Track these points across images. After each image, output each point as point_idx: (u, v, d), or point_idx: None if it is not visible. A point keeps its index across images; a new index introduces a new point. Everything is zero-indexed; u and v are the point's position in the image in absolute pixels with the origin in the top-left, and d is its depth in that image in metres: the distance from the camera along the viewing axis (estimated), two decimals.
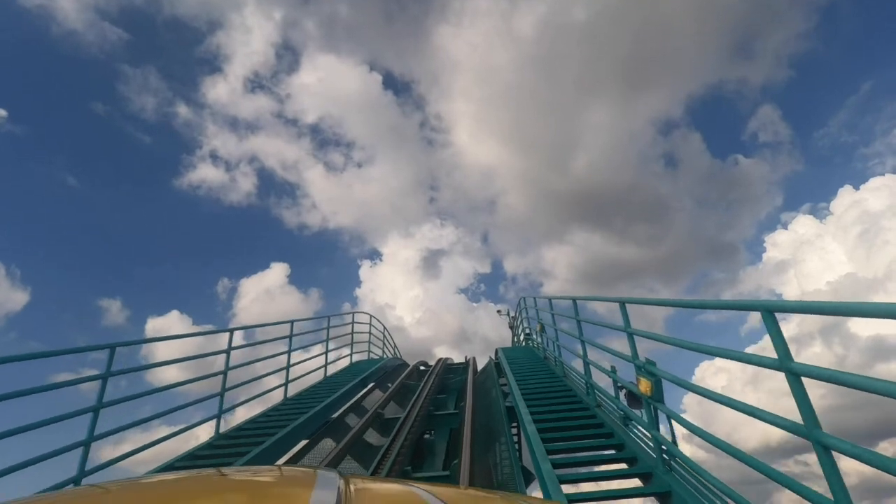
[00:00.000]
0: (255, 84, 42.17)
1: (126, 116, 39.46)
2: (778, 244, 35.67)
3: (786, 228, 35.93)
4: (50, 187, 37.57)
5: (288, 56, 50.05)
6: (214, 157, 42.94)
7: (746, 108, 43.02)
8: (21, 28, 34.23)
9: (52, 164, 38.40)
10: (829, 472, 2.10)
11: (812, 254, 32.30)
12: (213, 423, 6.29)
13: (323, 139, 45.27)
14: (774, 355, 2.43)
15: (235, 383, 6.96)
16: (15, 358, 3.65)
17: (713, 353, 3.22)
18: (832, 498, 2.07)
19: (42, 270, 36.83)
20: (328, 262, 47.26)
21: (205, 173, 40.18)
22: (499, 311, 19.96)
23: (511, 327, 17.51)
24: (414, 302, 35.71)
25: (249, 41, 41.66)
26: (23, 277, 32.93)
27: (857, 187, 32.02)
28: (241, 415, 8.05)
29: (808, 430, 2.22)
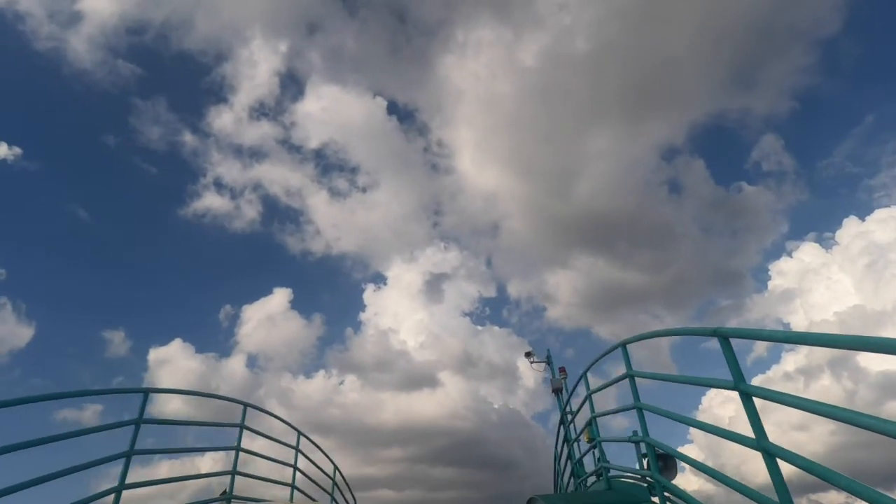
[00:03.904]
0: (260, 113, 43.03)
1: (136, 148, 40.57)
2: (784, 272, 35.52)
3: (791, 256, 35.84)
4: (61, 221, 38.26)
5: (292, 86, 51.14)
6: (219, 185, 43.39)
7: (749, 137, 43.50)
8: (35, 69, 35.81)
9: (64, 197, 39.24)
10: (773, 474, 2.49)
11: (818, 283, 32.13)
12: None
13: (327, 165, 45.93)
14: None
15: None
16: (42, 398, 3.93)
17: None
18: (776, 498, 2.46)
19: (47, 304, 36.98)
20: (331, 288, 47.13)
21: (210, 201, 40.63)
22: (529, 357, 12.95)
23: (556, 393, 11.44)
24: (418, 326, 35.72)
25: (255, 73, 42.93)
26: (28, 312, 33.02)
27: (862, 218, 32.08)
28: None
29: (757, 441, 2.60)
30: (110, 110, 39.93)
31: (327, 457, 8.62)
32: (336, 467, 8.48)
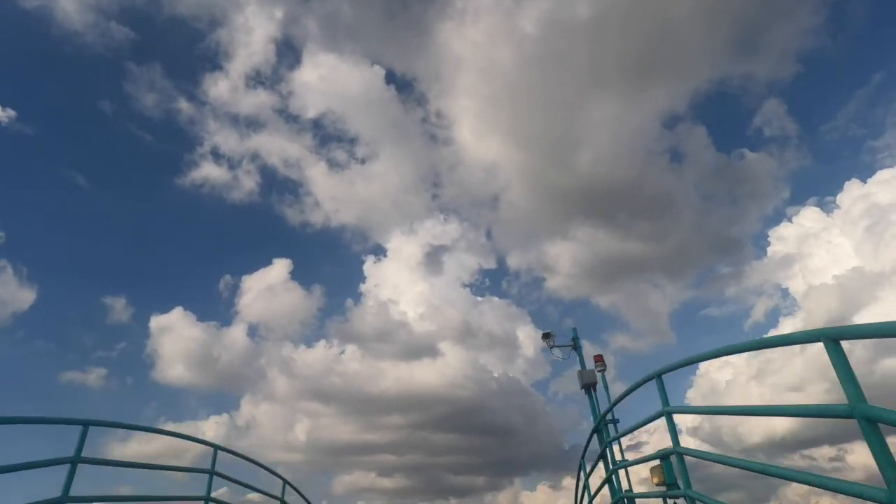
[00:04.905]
0: (256, 81, 41.74)
1: (131, 114, 39.49)
2: (783, 238, 35.28)
3: (791, 222, 35.57)
4: (59, 186, 37.62)
5: (289, 54, 49.60)
6: (216, 155, 42.62)
7: (752, 103, 42.63)
8: (23, 28, 34.33)
9: (62, 163, 38.49)
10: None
11: (818, 247, 31.91)
12: None
13: (325, 135, 44.95)
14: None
15: None
16: None
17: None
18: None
19: (49, 268, 36.91)
20: (331, 259, 46.85)
21: (208, 171, 39.87)
22: (548, 340, 10.05)
23: (588, 389, 9.43)
24: (418, 297, 35.53)
25: (250, 40, 41.45)
26: (30, 275, 32.86)
27: (864, 181, 31.74)
28: None
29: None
30: (104, 75, 38.55)
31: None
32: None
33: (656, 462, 4.43)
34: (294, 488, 7.22)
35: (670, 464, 4.21)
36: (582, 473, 7.95)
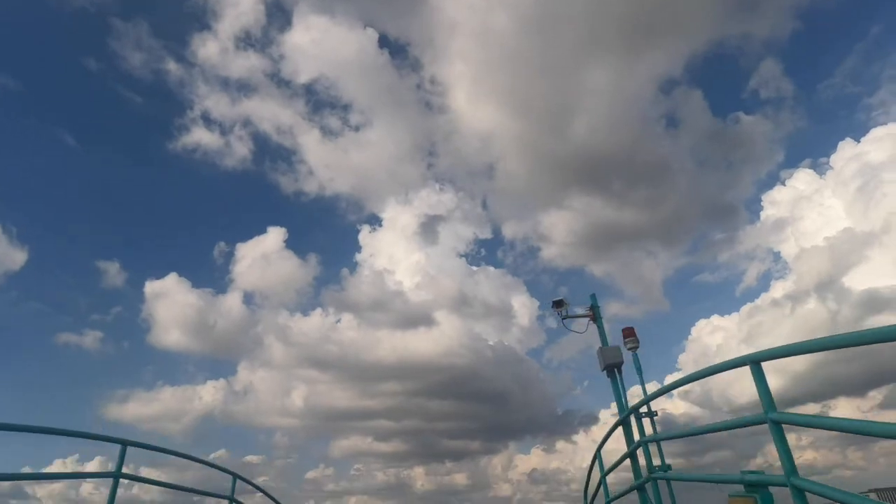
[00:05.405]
0: (246, 43, 41.01)
1: (119, 74, 38.97)
2: (776, 202, 35.71)
3: (784, 185, 35.90)
4: (49, 146, 37.39)
5: (279, 15, 48.53)
6: (207, 120, 42.20)
7: (749, 64, 42.32)
8: None
9: (48, 121, 38.18)
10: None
11: (810, 210, 32.39)
12: None
13: (318, 101, 44.42)
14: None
15: None
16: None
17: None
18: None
19: (39, 229, 36.91)
20: (326, 228, 46.97)
21: (199, 137, 39.61)
22: (560, 308, 8.15)
23: (611, 370, 7.48)
24: (414, 267, 35.78)
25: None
26: (20, 235, 32.96)
27: (858, 140, 31.98)
28: None
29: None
30: (89, 30, 37.81)
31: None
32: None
33: (737, 489, 3.21)
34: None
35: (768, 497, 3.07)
36: (597, 466, 7.00)
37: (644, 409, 6.45)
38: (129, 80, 38.79)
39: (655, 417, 6.51)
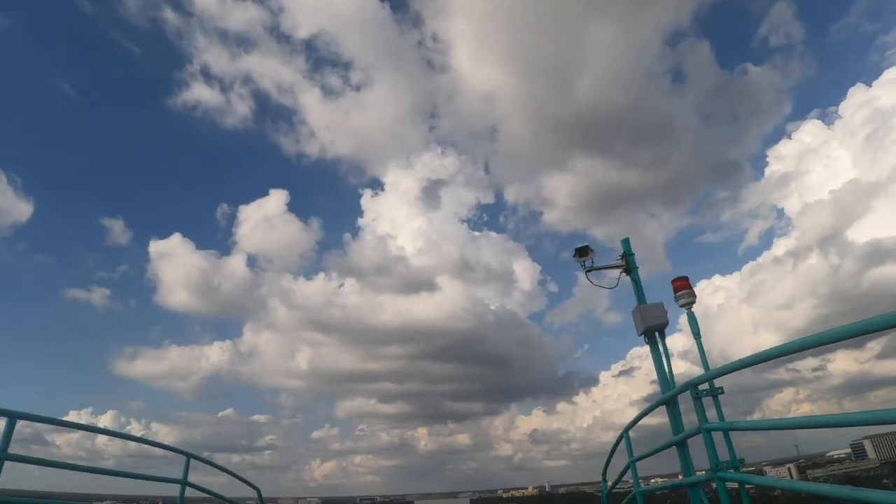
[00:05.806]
0: None
1: (115, 20, 38.13)
2: (782, 157, 35.57)
3: (790, 139, 35.47)
4: (47, 95, 36.98)
5: None
6: (207, 76, 41.94)
7: (758, 9, 41.35)
8: None
9: (44, 66, 37.63)
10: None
11: (816, 163, 32.35)
12: None
13: (318, 58, 43.95)
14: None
15: None
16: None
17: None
18: None
19: (44, 180, 37.02)
20: (328, 192, 47.09)
21: (199, 93, 39.46)
22: (585, 257, 6.56)
23: (651, 334, 6.08)
24: (416, 232, 35.55)
25: None
26: (25, 186, 32.98)
27: (869, 84, 31.26)
28: None
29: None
30: None
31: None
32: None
33: None
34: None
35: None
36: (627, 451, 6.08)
37: (705, 386, 4.33)
38: (126, 28, 37.75)
39: (721, 396, 4.46)
